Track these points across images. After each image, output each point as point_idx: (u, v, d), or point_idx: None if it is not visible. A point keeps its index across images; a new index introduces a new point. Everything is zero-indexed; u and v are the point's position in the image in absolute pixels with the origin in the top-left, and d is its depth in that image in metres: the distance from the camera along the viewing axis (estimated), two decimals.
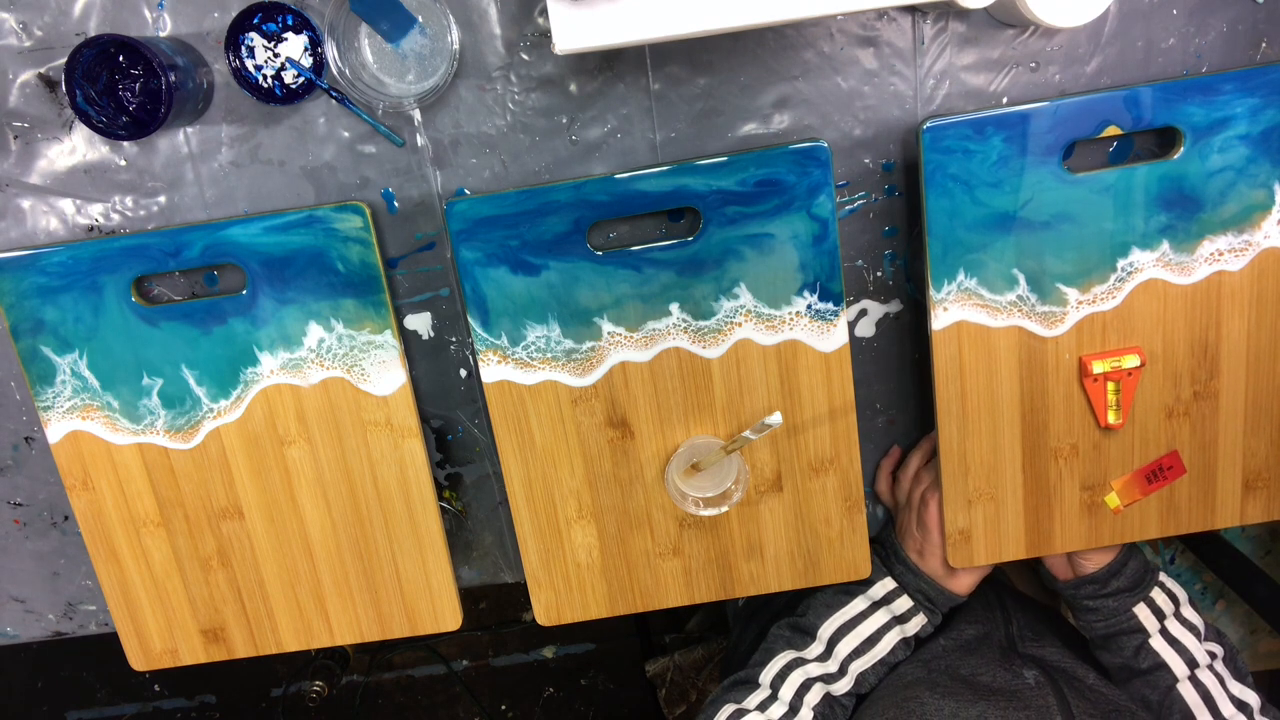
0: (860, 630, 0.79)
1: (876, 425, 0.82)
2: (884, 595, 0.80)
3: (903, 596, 0.80)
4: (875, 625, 0.79)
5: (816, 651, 0.79)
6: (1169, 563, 1.29)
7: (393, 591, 0.80)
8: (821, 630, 0.79)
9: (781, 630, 0.82)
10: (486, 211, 0.71)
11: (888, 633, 0.79)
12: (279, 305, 0.73)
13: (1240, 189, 0.71)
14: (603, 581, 0.80)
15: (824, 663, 0.78)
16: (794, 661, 0.78)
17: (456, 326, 0.78)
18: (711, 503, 0.74)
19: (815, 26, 0.72)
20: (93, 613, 0.89)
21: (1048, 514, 0.78)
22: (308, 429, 0.76)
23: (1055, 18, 0.66)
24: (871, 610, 0.80)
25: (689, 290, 0.73)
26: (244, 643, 0.82)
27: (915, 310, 0.79)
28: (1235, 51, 0.73)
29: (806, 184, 0.70)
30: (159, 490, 0.77)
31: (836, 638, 0.79)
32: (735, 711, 0.77)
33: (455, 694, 1.98)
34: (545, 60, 0.72)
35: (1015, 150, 0.69)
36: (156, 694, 2.00)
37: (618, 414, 0.76)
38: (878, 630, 0.79)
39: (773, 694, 0.77)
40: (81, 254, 0.72)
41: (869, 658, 0.78)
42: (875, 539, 0.85)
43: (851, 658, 0.78)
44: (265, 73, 0.70)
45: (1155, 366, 0.75)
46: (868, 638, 0.79)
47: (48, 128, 0.73)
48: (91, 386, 0.75)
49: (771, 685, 0.78)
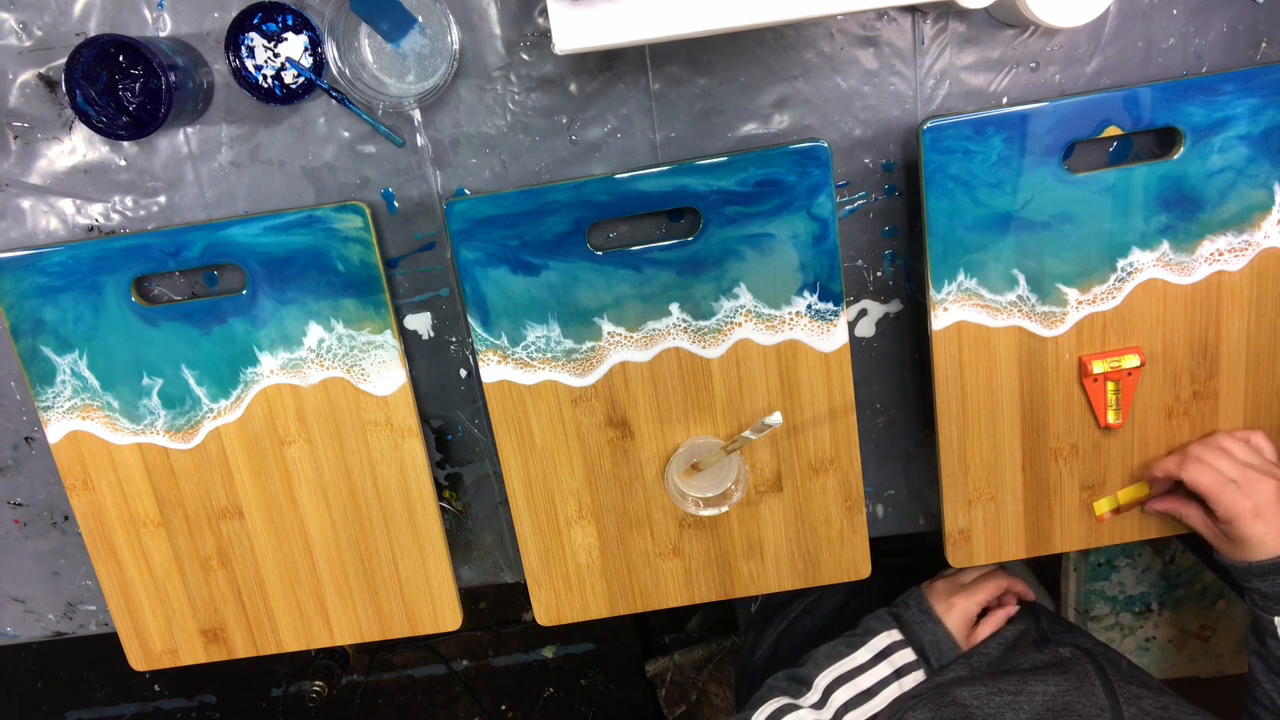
0: (859, 682, 0.78)
1: (876, 425, 0.82)
2: (887, 646, 0.79)
3: (906, 649, 0.79)
4: (875, 678, 0.78)
5: (812, 700, 0.78)
6: (1169, 563, 1.29)
7: (393, 591, 0.80)
8: (818, 680, 0.79)
9: (777, 682, 0.82)
10: (486, 211, 0.71)
11: (886, 688, 0.78)
12: (279, 305, 0.73)
13: (1240, 189, 0.71)
14: (603, 581, 0.80)
15: (818, 710, 0.78)
16: (786, 706, 0.78)
17: (456, 326, 0.78)
18: (711, 503, 0.74)
19: (815, 26, 0.72)
20: (93, 613, 0.89)
21: (1048, 514, 0.78)
22: (308, 429, 0.76)
23: (1055, 18, 0.66)
24: (874, 663, 0.79)
25: (689, 290, 0.73)
26: (244, 643, 0.82)
27: (915, 310, 0.79)
28: (1235, 51, 0.73)
29: (806, 184, 0.70)
30: (159, 490, 0.77)
31: (834, 687, 0.78)
32: None
33: (455, 694, 1.98)
34: (545, 60, 0.72)
35: (1015, 150, 0.69)
36: (156, 694, 2.00)
37: (618, 414, 0.76)
38: (877, 684, 0.78)
39: None
40: (81, 254, 0.72)
41: (865, 710, 0.78)
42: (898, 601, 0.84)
43: (847, 707, 0.78)
44: (265, 73, 0.70)
45: (1155, 366, 0.75)
46: (866, 690, 0.78)
47: (48, 128, 0.73)
48: (91, 386, 0.75)
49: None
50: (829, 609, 0.96)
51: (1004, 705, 0.70)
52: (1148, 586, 1.31)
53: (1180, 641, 1.36)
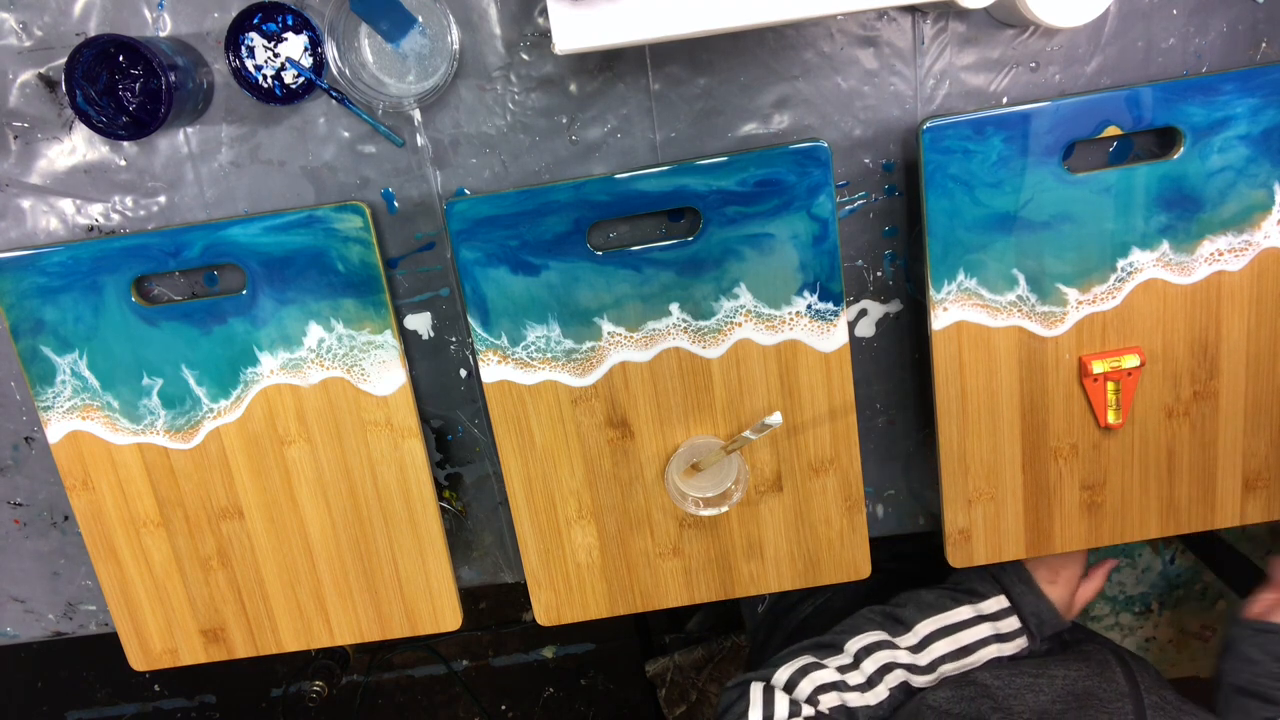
0: (959, 637, 0.77)
1: (876, 425, 0.82)
2: (994, 611, 0.79)
3: (1012, 617, 0.79)
4: (976, 636, 0.78)
5: (909, 642, 0.77)
6: (1169, 563, 1.29)
7: (393, 591, 0.80)
8: (919, 626, 0.78)
9: (874, 614, 0.80)
10: (486, 211, 0.71)
11: (985, 647, 0.77)
12: (279, 305, 0.73)
13: (1240, 189, 0.71)
14: (603, 581, 0.80)
15: (914, 654, 0.76)
16: (884, 643, 0.76)
17: (456, 326, 0.78)
18: (711, 503, 0.74)
19: (815, 26, 0.72)
20: (93, 613, 0.89)
21: (1048, 514, 0.78)
22: (308, 429, 0.76)
23: (1055, 18, 0.66)
24: (976, 621, 0.78)
25: (689, 290, 0.73)
26: (244, 643, 0.82)
27: (915, 310, 0.79)
28: (1235, 51, 0.73)
29: (806, 184, 0.70)
30: (159, 490, 0.77)
31: (933, 638, 0.77)
32: (812, 664, 0.75)
33: (455, 694, 1.98)
34: (545, 60, 0.72)
35: (1015, 150, 0.69)
36: (156, 694, 2.00)
37: (618, 414, 0.76)
38: (977, 641, 0.77)
39: (854, 663, 0.76)
40: (81, 254, 0.72)
41: (960, 665, 0.77)
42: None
43: (944, 660, 0.76)
44: (265, 73, 0.70)
45: (1155, 366, 0.75)
46: (965, 646, 0.77)
47: (48, 128, 0.73)
48: (91, 386, 0.75)
49: (855, 656, 0.76)
50: (840, 609, 0.96)
51: (1024, 687, 0.70)
52: (1148, 586, 1.31)
53: (1180, 641, 1.36)
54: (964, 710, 0.70)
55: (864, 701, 0.74)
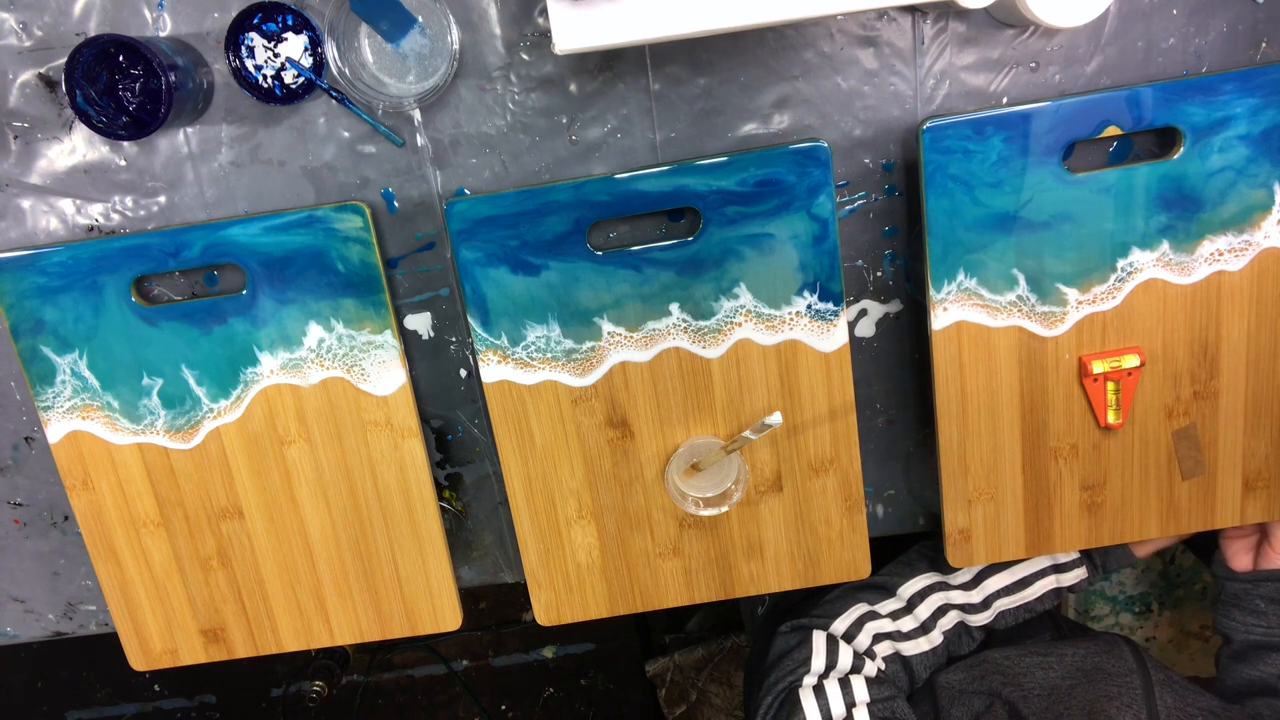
0: (1015, 569, 0.75)
1: (876, 425, 0.82)
2: None
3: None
4: (1033, 568, 0.75)
5: (962, 579, 0.76)
6: (1169, 563, 1.29)
7: (393, 591, 0.80)
8: None
9: (926, 550, 0.79)
10: (486, 211, 0.71)
11: (1043, 578, 0.75)
12: (279, 305, 0.73)
13: (1240, 189, 0.71)
14: (603, 581, 0.80)
15: (968, 592, 0.75)
16: (937, 584, 0.75)
17: (456, 326, 0.78)
18: (711, 503, 0.74)
19: (815, 26, 0.72)
20: (93, 613, 0.89)
21: (1048, 514, 0.78)
22: (308, 429, 0.76)
23: (1055, 18, 0.66)
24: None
25: (689, 290, 0.73)
26: (244, 643, 0.82)
27: (915, 310, 0.79)
28: (1235, 51, 0.73)
29: (806, 184, 0.70)
30: (159, 490, 0.77)
31: (987, 573, 0.76)
32: (868, 613, 0.75)
33: (455, 694, 1.98)
34: (545, 60, 0.72)
35: (1015, 150, 0.69)
36: (156, 694, 2.00)
37: (618, 414, 0.76)
38: (1034, 573, 0.75)
39: (907, 607, 0.75)
40: (81, 254, 0.72)
41: (1017, 598, 0.75)
42: None
43: (999, 595, 0.75)
44: (265, 73, 0.70)
45: (1155, 366, 0.75)
46: (1022, 579, 0.75)
47: (48, 128, 0.73)
48: (91, 386, 0.75)
49: (909, 601, 0.76)
50: None
51: (1034, 665, 0.70)
52: (1148, 586, 1.31)
53: (1180, 641, 1.36)
54: (977, 688, 0.70)
55: (919, 649, 0.74)
